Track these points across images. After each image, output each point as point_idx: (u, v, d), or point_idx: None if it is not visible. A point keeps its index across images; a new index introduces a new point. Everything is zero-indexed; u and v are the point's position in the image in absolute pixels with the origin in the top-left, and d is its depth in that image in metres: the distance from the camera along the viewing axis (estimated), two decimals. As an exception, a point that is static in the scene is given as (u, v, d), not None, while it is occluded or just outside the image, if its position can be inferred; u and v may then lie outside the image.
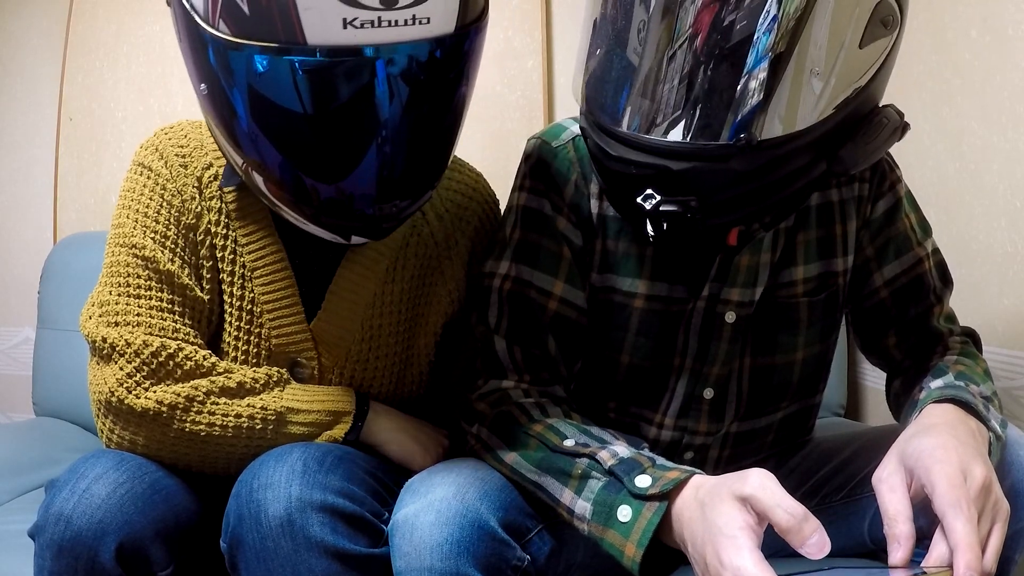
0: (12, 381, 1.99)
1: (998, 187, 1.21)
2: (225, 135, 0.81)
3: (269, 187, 0.83)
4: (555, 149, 0.93)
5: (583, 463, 0.75)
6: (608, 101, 0.80)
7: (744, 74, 0.73)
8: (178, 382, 0.85)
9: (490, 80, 1.78)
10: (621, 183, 0.80)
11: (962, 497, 0.64)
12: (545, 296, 0.91)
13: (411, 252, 0.98)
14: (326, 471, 0.81)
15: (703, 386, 0.94)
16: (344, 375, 0.96)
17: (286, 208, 0.84)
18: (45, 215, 1.94)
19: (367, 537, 0.81)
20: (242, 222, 0.93)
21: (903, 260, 0.96)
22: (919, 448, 0.69)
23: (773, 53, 0.72)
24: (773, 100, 0.74)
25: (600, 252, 0.92)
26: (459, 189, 1.02)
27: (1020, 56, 1.16)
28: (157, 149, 0.93)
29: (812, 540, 0.61)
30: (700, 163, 0.75)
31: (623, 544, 0.69)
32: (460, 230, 1.01)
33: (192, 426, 0.85)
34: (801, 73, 0.74)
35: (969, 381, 0.83)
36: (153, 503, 0.80)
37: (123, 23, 1.88)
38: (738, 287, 0.91)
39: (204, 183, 0.93)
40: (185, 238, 0.91)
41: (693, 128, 0.75)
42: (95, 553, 0.76)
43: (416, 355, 1.00)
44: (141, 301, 0.88)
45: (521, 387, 0.89)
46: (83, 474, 0.79)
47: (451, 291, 1.01)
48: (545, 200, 0.92)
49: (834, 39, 0.74)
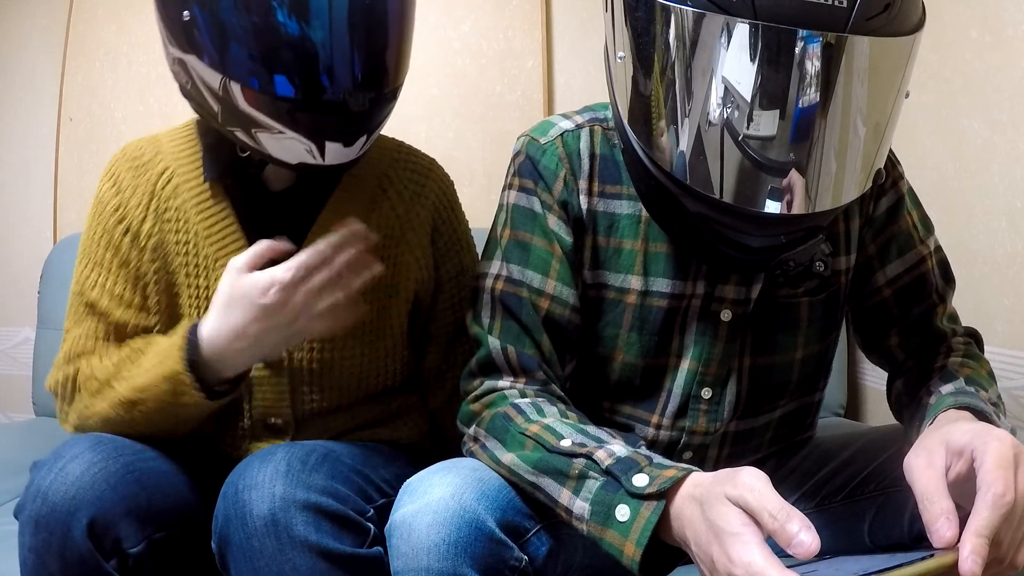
0: (12, 381, 2.00)
1: (998, 187, 1.21)
2: (206, 54, 0.85)
3: (247, 96, 0.85)
4: (543, 146, 0.92)
5: (580, 463, 0.75)
6: (707, 173, 0.76)
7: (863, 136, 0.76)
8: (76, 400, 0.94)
9: (490, 80, 1.78)
10: (751, 252, 0.83)
11: (1004, 480, 0.62)
12: (537, 295, 0.90)
13: (374, 224, 1.00)
14: (310, 470, 0.83)
15: (701, 385, 0.93)
16: (314, 346, 0.98)
17: (264, 118, 0.86)
18: (45, 215, 1.94)
19: (352, 535, 0.82)
20: (203, 215, 0.98)
21: (906, 259, 0.95)
22: (972, 431, 0.67)
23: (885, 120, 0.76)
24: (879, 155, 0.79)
25: (591, 248, 0.92)
26: (416, 170, 1.07)
27: (1020, 56, 1.16)
28: (111, 173, 1.01)
29: (796, 540, 0.60)
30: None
31: (622, 543, 0.69)
32: (420, 204, 1.06)
33: (99, 425, 0.91)
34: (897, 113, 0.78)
35: (979, 387, 0.82)
36: (125, 482, 0.82)
37: (123, 23, 1.89)
38: (733, 285, 0.91)
39: (159, 187, 0.99)
40: (126, 264, 0.98)
41: (808, 200, 0.76)
42: (68, 528, 0.79)
43: (388, 325, 1.03)
44: (76, 329, 0.97)
45: (516, 387, 0.88)
46: (61, 454, 0.83)
47: (418, 258, 1.04)
48: (534, 198, 0.92)
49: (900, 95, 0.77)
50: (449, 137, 1.78)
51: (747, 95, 0.72)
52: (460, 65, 1.78)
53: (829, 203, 0.76)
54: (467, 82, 1.78)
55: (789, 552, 0.60)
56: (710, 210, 0.78)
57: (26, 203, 1.96)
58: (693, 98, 0.75)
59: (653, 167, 0.81)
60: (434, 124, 1.78)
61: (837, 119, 0.73)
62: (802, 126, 0.72)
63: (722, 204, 0.76)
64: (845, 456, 0.96)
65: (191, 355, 0.87)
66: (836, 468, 0.96)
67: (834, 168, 0.75)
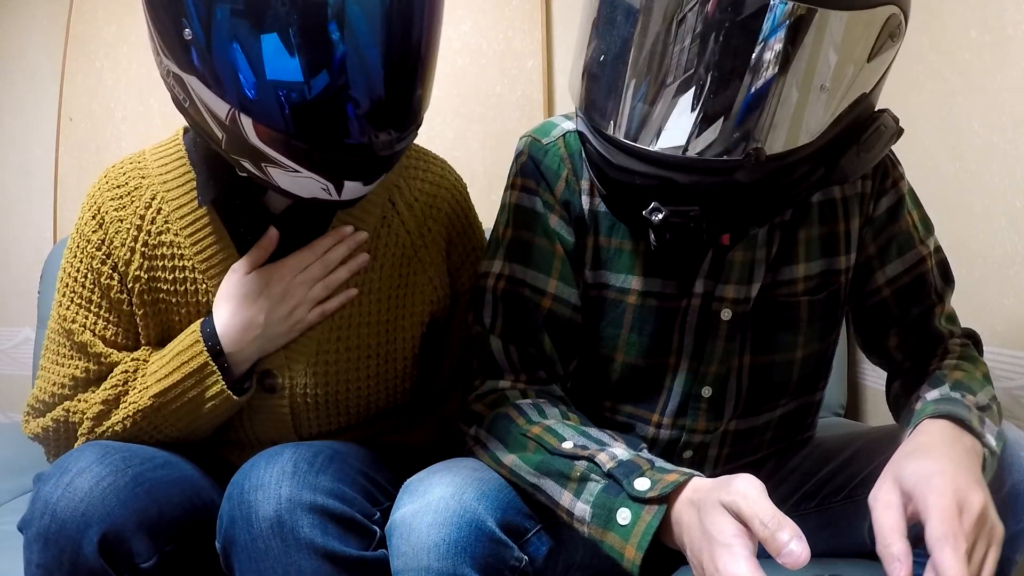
0: (12, 381, 1.99)
1: (998, 187, 1.21)
2: (212, 83, 0.79)
3: (259, 131, 0.80)
4: (545, 146, 0.93)
5: (582, 465, 0.75)
6: (611, 108, 0.79)
7: (753, 90, 0.73)
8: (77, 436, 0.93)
9: (490, 80, 1.78)
10: (622, 192, 0.80)
11: (953, 532, 0.64)
12: (539, 294, 0.91)
13: (383, 243, 0.97)
14: (316, 472, 0.81)
15: (701, 384, 0.93)
16: (318, 372, 0.95)
17: (276, 155, 0.81)
18: (45, 215, 1.94)
19: (358, 538, 0.81)
20: (199, 246, 0.93)
21: (905, 259, 0.95)
22: (916, 473, 0.68)
23: (781, 69, 0.72)
24: (781, 115, 0.74)
25: (592, 249, 0.92)
26: (427, 179, 1.02)
27: (1020, 56, 1.16)
28: (92, 206, 0.95)
29: (786, 550, 0.60)
30: (706, 176, 0.76)
31: (623, 547, 0.69)
32: (432, 218, 1.00)
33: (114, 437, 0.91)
34: (808, 89, 0.74)
35: (966, 391, 0.82)
36: (135, 495, 0.81)
37: (123, 23, 1.89)
38: (732, 284, 0.91)
39: (147, 220, 0.94)
40: (109, 299, 0.94)
41: (701, 141, 0.75)
42: (79, 545, 0.77)
43: (399, 348, 0.99)
44: (61, 369, 0.95)
45: (518, 387, 0.89)
46: (67, 468, 0.80)
47: (432, 278, 1.00)
48: (536, 198, 0.92)
49: (845, 54, 0.74)
50: (449, 137, 1.78)
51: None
52: (460, 65, 1.78)
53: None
54: (467, 82, 1.78)
55: (779, 562, 0.61)
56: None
57: (26, 203, 1.96)
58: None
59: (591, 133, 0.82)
60: (434, 124, 1.78)
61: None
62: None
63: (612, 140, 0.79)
64: (845, 456, 0.96)
65: (214, 346, 0.89)
66: (836, 468, 0.96)
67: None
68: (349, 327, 0.96)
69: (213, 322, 0.90)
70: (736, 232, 0.89)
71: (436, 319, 1.02)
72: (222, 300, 0.91)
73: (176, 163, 0.96)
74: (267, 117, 0.79)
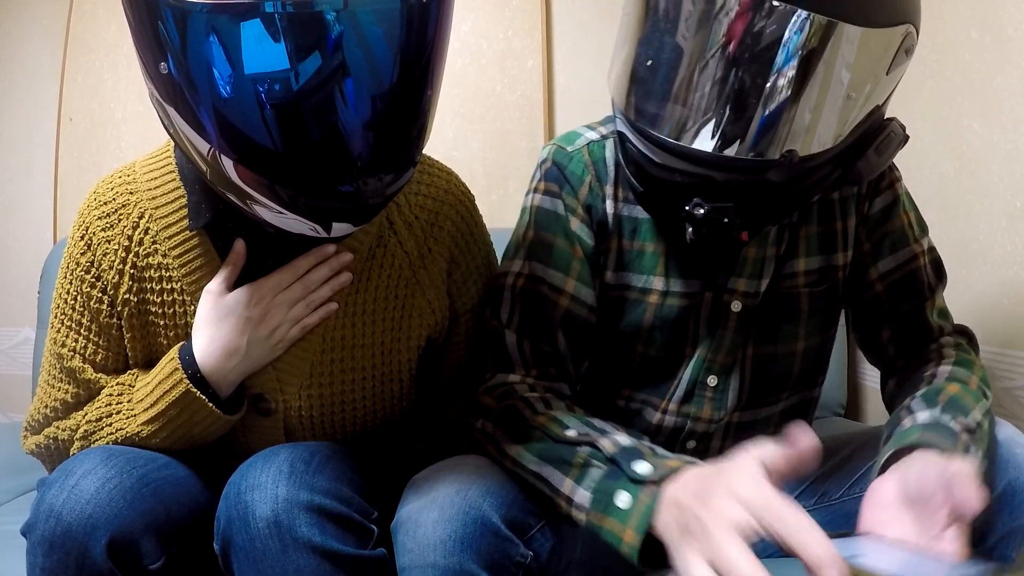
0: (12, 381, 1.99)
1: (998, 187, 1.21)
2: (190, 118, 0.75)
3: (241, 172, 0.76)
4: (570, 154, 0.96)
5: (584, 451, 0.76)
6: (655, 109, 0.84)
7: (791, 97, 0.78)
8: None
9: (490, 80, 1.78)
10: (662, 188, 0.85)
11: None
12: (557, 293, 0.93)
13: (378, 264, 0.94)
14: (313, 471, 0.80)
15: (708, 373, 0.96)
16: (312, 394, 0.93)
17: (260, 196, 0.78)
18: (45, 215, 1.94)
19: (356, 537, 0.81)
20: (188, 268, 0.90)
21: (898, 255, 0.98)
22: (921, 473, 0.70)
23: (816, 80, 0.78)
24: (813, 121, 0.80)
25: (616, 251, 0.95)
26: (429, 193, 0.96)
27: (1020, 56, 1.16)
28: (81, 225, 0.93)
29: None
30: (741, 174, 0.82)
31: (622, 531, 0.69)
32: (433, 237, 0.96)
33: None
34: (837, 98, 0.80)
35: (958, 412, 0.80)
36: (142, 497, 0.80)
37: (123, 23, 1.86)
38: (745, 278, 0.94)
39: (135, 241, 0.91)
40: (99, 323, 0.92)
41: (741, 143, 0.80)
42: (86, 548, 0.76)
43: (397, 370, 0.96)
44: (54, 392, 0.94)
45: (527, 381, 0.90)
46: (71, 471, 0.79)
47: (431, 300, 0.96)
48: (559, 201, 0.95)
49: (869, 68, 0.80)
50: (449, 137, 1.78)
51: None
52: (460, 65, 1.78)
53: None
54: (467, 82, 1.78)
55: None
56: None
57: (26, 203, 1.96)
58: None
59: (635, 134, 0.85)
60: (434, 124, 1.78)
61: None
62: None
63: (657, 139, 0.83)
64: (844, 455, 0.97)
65: (194, 373, 0.87)
66: (835, 466, 0.97)
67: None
68: (343, 349, 0.93)
69: (191, 348, 0.88)
70: (753, 229, 0.91)
71: (433, 342, 0.99)
72: (200, 324, 0.88)
73: (166, 179, 0.92)
74: (248, 160, 0.75)
